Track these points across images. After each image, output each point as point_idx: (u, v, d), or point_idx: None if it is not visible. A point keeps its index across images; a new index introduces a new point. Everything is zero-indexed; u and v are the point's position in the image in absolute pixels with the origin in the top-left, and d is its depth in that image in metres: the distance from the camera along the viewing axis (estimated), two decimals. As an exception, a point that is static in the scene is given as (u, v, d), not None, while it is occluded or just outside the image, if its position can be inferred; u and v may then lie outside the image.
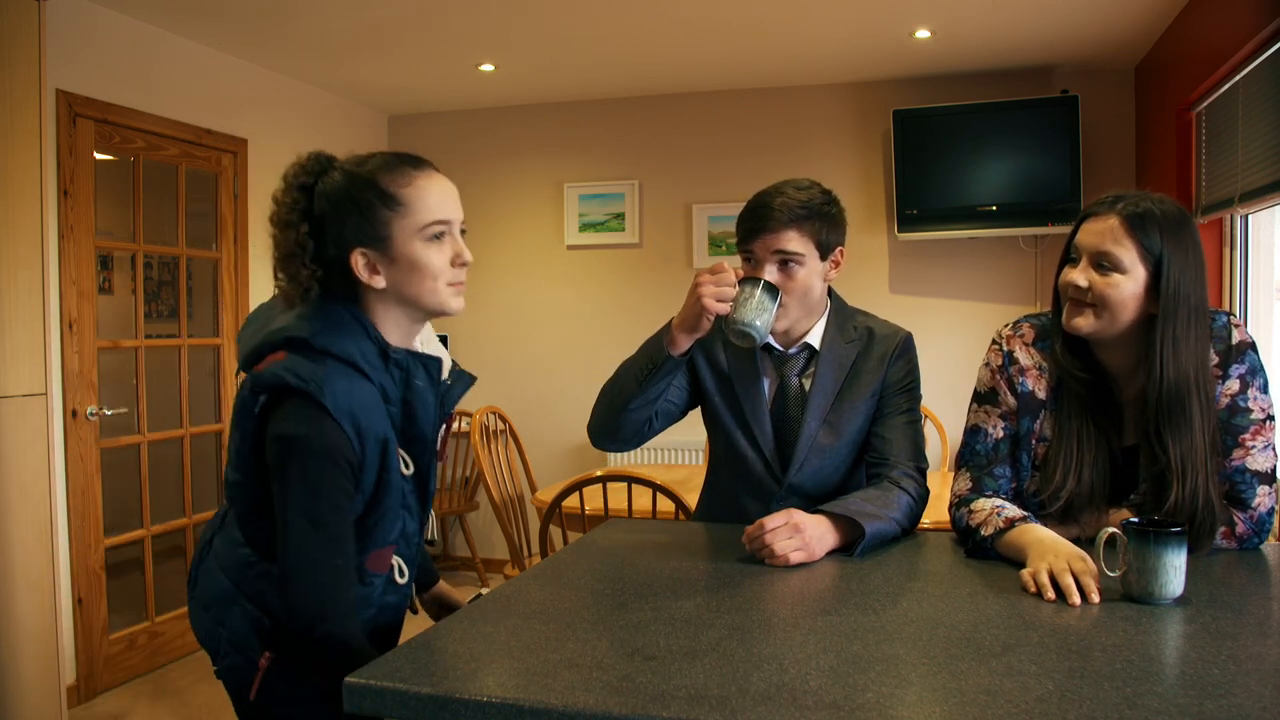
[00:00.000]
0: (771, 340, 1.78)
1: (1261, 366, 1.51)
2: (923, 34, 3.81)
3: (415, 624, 1.79)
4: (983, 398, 1.61)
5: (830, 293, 1.83)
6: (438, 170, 1.36)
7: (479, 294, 5.13)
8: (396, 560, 1.39)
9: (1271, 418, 1.49)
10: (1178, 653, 1.08)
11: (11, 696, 2.53)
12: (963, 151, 4.27)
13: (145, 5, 3.44)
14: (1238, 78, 3.03)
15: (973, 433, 1.61)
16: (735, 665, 1.03)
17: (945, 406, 4.27)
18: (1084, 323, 1.47)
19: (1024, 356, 1.58)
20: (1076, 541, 1.41)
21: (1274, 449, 1.50)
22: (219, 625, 1.37)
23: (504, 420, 4.02)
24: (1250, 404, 1.48)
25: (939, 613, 1.21)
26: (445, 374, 1.42)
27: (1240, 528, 1.48)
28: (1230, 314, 1.52)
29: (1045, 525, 1.44)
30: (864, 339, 1.80)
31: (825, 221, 1.72)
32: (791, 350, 1.79)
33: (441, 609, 1.67)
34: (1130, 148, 4.28)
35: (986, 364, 1.62)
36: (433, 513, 1.59)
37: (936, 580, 1.38)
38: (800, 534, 1.47)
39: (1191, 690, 0.95)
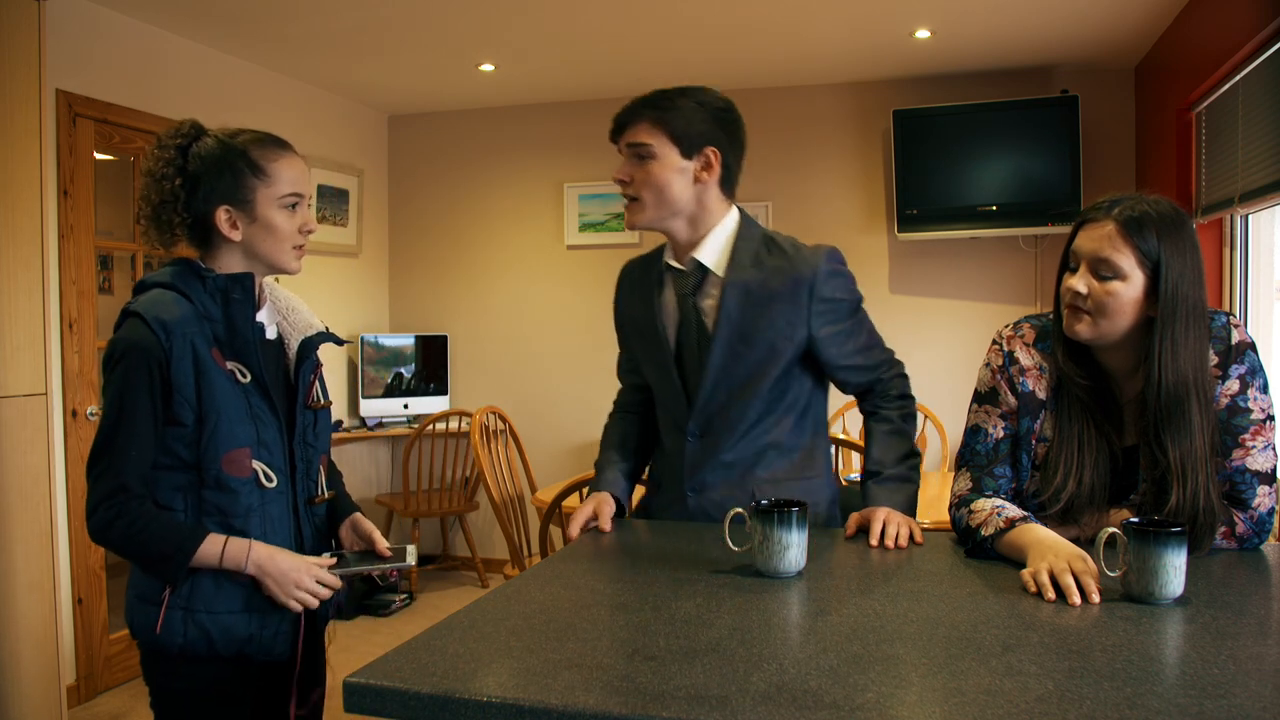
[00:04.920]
0: (671, 260, 1.75)
1: (1261, 366, 1.50)
2: (923, 34, 3.81)
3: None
4: (983, 398, 1.62)
5: (743, 215, 1.74)
6: (297, 153, 1.57)
7: (479, 294, 5.13)
8: (258, 465, 1.49)
9: (1271, 418, 1.49)
10: (1178, 653, 1.08)
11: (11, 696, 2.53)
12: (963, 151, 4.27)
13: (145, 5, 3.44)
14: (1237, 78, 3.03)
15: (973, 433, 1.62)
16: (735, 665, 1.03)
17: (945, 407, 4.27)
18: (1084, 329, 1.47)
19: (1024, 357, 1.58)
20: (1076, 541, 1.41)
21: (1274, 449, 1.50)
22: (134, 589, 1.51)
23: (504, 420, 4.02)
24: (1250, 404, 1.48)
25: (939, 613, 1.21)
26: (310, 329, 1.62)
27: (1240, 528, 1.48)
28: (1230, 314, 1.52)
29: (1045, 525, 1.44)
30: (779, 265, 1.68)
31: (683, 114, 1.64)
32: (683, 267, 1.72)
33: (358, 537, 1.69)
34: (1130, 148, 4.28)
35: (987, 364, 1.62)
36: (322, 468, 1.64)
37: (936, 580, 1.38)
38: (897, 517, 1.60)
39: (1191, 690, 0.95)
